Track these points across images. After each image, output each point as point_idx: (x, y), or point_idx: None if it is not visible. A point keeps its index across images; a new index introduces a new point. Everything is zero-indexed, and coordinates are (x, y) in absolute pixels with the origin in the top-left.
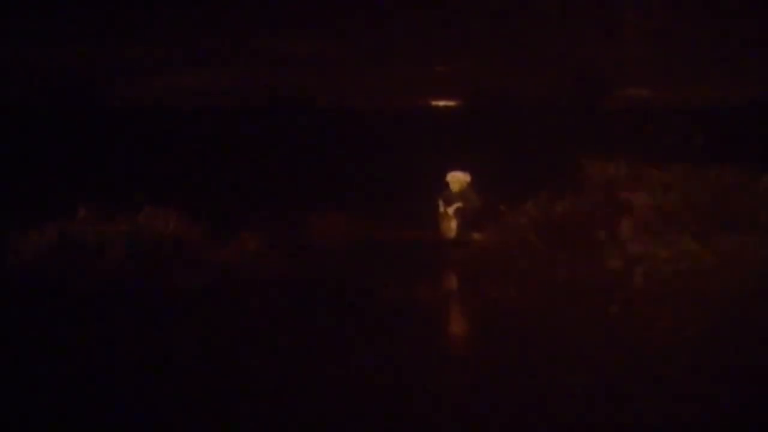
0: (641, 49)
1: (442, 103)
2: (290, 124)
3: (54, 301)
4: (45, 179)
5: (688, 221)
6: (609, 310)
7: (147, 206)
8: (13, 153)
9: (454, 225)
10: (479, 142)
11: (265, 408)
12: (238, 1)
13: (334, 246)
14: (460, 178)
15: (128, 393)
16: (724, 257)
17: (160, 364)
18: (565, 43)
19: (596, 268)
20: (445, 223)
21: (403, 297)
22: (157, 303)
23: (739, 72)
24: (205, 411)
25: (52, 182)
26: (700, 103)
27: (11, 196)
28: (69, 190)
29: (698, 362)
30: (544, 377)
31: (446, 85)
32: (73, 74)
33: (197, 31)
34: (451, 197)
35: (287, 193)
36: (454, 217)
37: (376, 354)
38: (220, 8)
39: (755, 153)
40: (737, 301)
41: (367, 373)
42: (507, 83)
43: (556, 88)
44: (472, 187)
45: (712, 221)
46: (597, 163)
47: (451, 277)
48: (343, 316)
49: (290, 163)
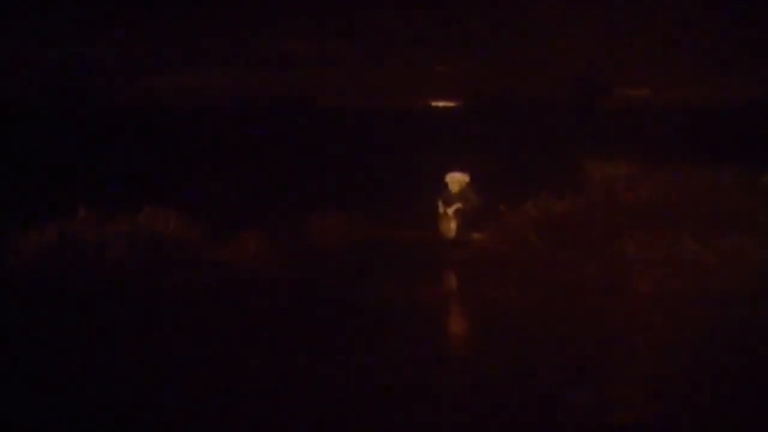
0: (641, 49)
1: (442, 103)
2: (290, 124)
3: (54, 301)
4: (45, 179)
5: (688, 221)
6: (609, 310)
7: (147, 206)
8: (13, 153)
9: (454, 225)
10: (479, 143)
11: (265, 408)
12: (238, 1)
13: (334, 246)
14: (459, 178)
15: (128, 393)
16: (724, 257)
17: (160, 364)
18: (565, 43)
19: (596, 268)
20: (445, 223)
21: (403, 297)
22: (157, 303)
23: (739, 72)
24: (206, 411)
25: (52, 182)
26: (700, 103)
27: (11, 196)
28: (69, 190)
29: (698, 362)
30: (544, 377)
31: (446, 85)
32: (73, 74)
33: (197, 31)
34: (450, 197)
35: (287, 193)
36: (454, 217)
37: (376, 354)
38: (220, 8)
39: (755, 153)
40: (737, 301)
41: (367, 373)
42: (507, 83)
43: (556, 88)
44: (472, 188)
45: (712, 221)
46: (597, 163)
47: (451, 277)
48: (343, 316)
49: (290, 163)
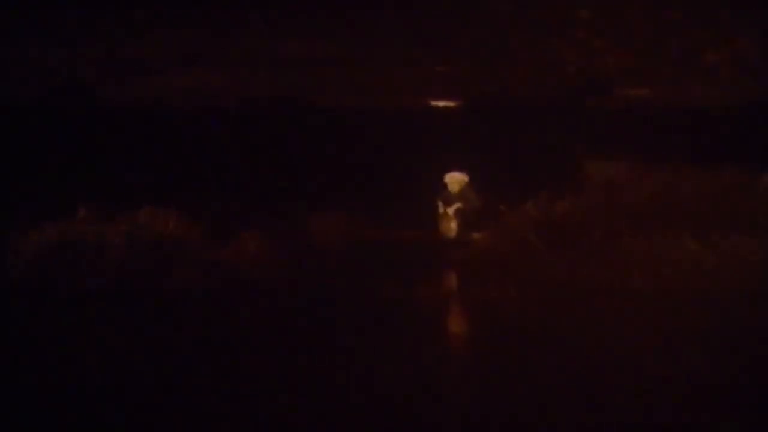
0: (641, 49)
1: (442, 103)
2: (290, 124)
3: (54, 301)
4: (45, 179)
5: (688, 221)
6: (609, 310)
7: (147, 206)
8: (13, 153)
9: (454, 225)
10: (479, 143)
11: (265, 408)
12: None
13: (334, 246)
14: (458, 178)
15: (128, 393)
16: (724, 257)
17: (160, 364)
18: (565, 43)
19: (596, 268)
20: (445, 223)
21: (403, 297)
22: (157, 303)
23: (739, 72)
24: (206, 411)
25: (52, 182)
26: (700, 103)
27: (11, 196)
28: (69, 190)
29: (698, 362)
30: (544, 377)
31: (446, 85)
32: (72, 74)
33: (197, 31)
34: (450, 197)
35: (287, 193)
36: (453, 217)
37: (376, 354)
38: (220, 8)
39: (755, 153)
40: (737, 301)
41: (367, 373)
42: (507, 83)
43: (556, 88)
44: (472, 188)
45: (712, 221)
46: (597, 163)
47: (451, 277)
48: (343, 316)
49: (290, 163)
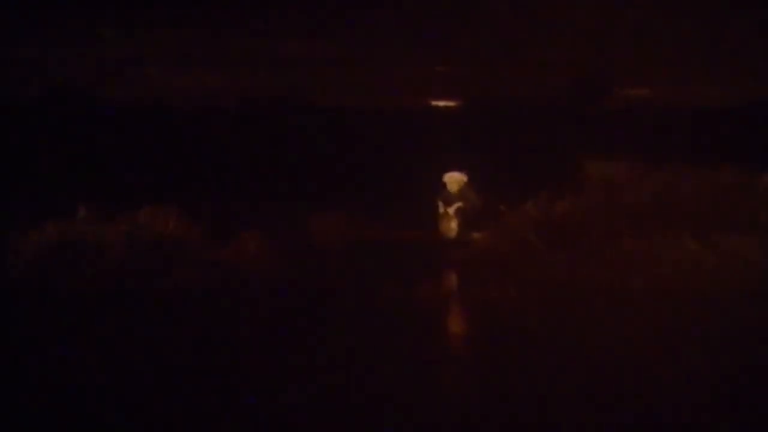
0: (641, 49)
1: (442, 103)
2: (290, 124)
3: (54, 301)
4: (45, 179)
5: (688, 221)
6: (609, 310)
7: (147, 206)
8: (13, 153)
9: (454, 225)
10: (479, 143)
11: (265, 408)
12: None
13: (334, 246)
14: (457, 178)
15: (128, 393)
16: (724, 257)
17: (160, 364)
18: (565, 43)
19: (596, 268)
20: (445, 223)
21: (403, 297)
22: (157, 303)
23: (739, 72)
24: (206, 411)
25: (52, 182)
26: (700, 103)
27: (11, 196)
28: (69, 190)
29: (698, 362)
30: (544, 377)
31: (446, 85)
32: (73, 74)
33: (197, 31)
34: (450, 197)
35: (287, 193)
36: (453, 217)
37: (376, 354)
38: (220, 8)
39: (755, 153)
40: (737, 301)
41: (367, 373)
42: (507, 83)
43: (556, 88)
44: (471, 187)
45: (712, 221)
46: (597, 163)
47: (451, 277)
48: (343, 316)
49: (290, 163)
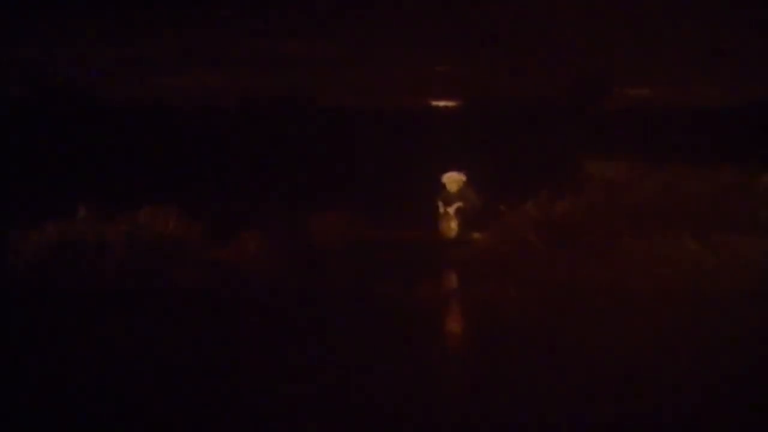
0: (641, 49)
1: (442, 103)
2: (290, 124)
3: (54, 301)
4: (45, 179)
5: (688, 221)
6: (609, 310)
7: (147, 206)
8: (13, 153)
9: (454, 225)
10: (480, 142)
11: (265, 407)
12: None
13: (334, 246)
14: (456, 178)
15: (128, 393)
16: (724, 257)
17: (160, 364)
18: (565, 43)
19: (596, 268)
20: (445, 223)
21: (403, 297)
22: (157, 303)
23: (739, 72)
24: (206, 411)
25: (52, 182)
26: (700, 103)
27: (11, 196)
28: (69, 190)
29: (698, 362)
30: (544, 377)
31: (446, 85)
32: (73, 74)
33: (196, 31)
34: (450, 197)
35: (287, 193)
36: (453, 217)
37: (376, 354)
38: (220, 8)
39: (755, 153)
40: (737, 301)
41: (367, 373)
42: (507, 83)
43: (556, 88)
44: (471, 187)
45: (712, 221)
46: (597, 163)
47: (451, 277)
48: (343, 316)
49: (290, 163)
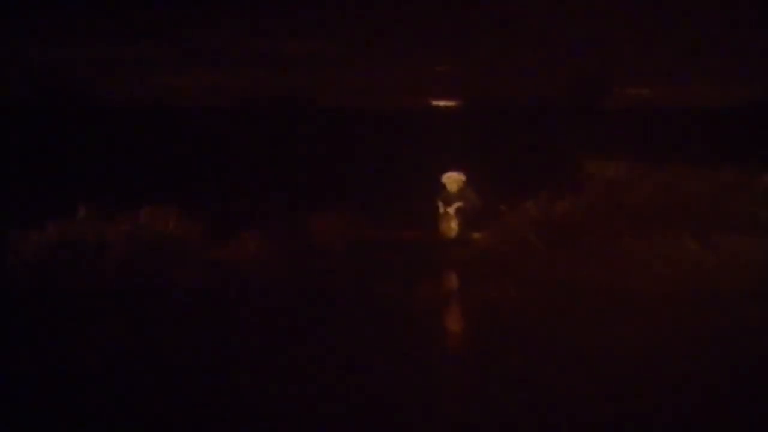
0: (641, 49)
1: (442, 103)
2: (290, 124)
3: (54, 301)
4: (45, 179)
5: (688, 221)
6: (609, 310)
7: (147, 206)
8: (13, 153)
9: (454, 225)
10: (480, 142)
11: (265, 407)
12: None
13: (334, 246)
14: (456, 177)
15: (128, 393)
16: (724, 257)
17: (160, 364)
18: (565, 43)
19: (596, 268)
20: (445, 223)
21: (403, 297)
22: (157, 303)
23: (739, 72)
24: (206, 411)
25: (52, 182)
26: (700, 103)
27: (11, 196)
28: (69, 190)
29: (698, 362)
30: (544, 377)
31: (446, 85)
32: (72, 74)
33: (196, 31)
34: (450, 197)
35: (287, 193)
36: (453, 217)
37: (376, 354)
38: (220, 8)
39: (755, 153)
40: (737, 301)
41: (367, 372)
42: (507, 83)
43: (556, 88)
44: (471, 187)
45: (712, 221)
46: (597, 163)
47: (451, 277)
48: (343, 315)
49: (290, 163)
